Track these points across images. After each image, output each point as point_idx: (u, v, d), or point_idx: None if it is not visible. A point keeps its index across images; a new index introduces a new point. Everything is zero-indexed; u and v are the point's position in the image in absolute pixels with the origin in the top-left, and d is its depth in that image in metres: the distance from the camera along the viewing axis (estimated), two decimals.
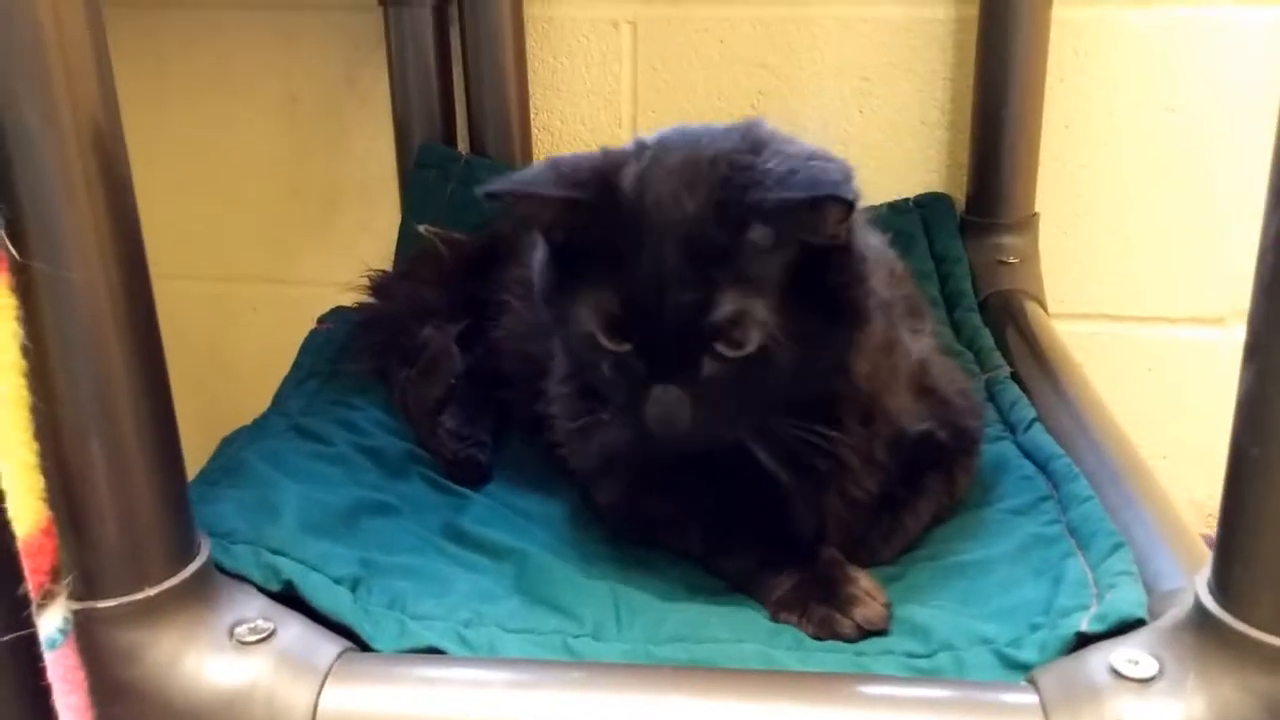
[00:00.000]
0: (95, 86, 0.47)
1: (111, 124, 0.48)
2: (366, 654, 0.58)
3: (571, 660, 0.60)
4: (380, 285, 0.99)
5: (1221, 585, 0.49)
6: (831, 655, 0.61)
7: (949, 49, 1.17)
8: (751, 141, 0.64)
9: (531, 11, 1.20)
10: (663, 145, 0.65)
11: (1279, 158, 0.44)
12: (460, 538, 0.73)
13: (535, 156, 1.24)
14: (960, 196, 1.18)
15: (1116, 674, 0.50)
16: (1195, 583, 0.51)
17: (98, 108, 0.47)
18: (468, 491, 0.81)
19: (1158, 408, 1.21)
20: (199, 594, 0.54)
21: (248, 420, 0.87)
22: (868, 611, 0.63)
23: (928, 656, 0.60)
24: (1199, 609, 0.50)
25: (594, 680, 0.55)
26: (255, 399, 0.93)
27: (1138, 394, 1.21)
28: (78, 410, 0.49)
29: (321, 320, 1.02)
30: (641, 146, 0.65)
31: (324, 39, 1.24)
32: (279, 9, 1.24)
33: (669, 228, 0.60)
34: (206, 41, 1.26)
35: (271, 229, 1.33)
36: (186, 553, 0.54)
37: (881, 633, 0.63)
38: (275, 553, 0.62)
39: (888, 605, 0.64)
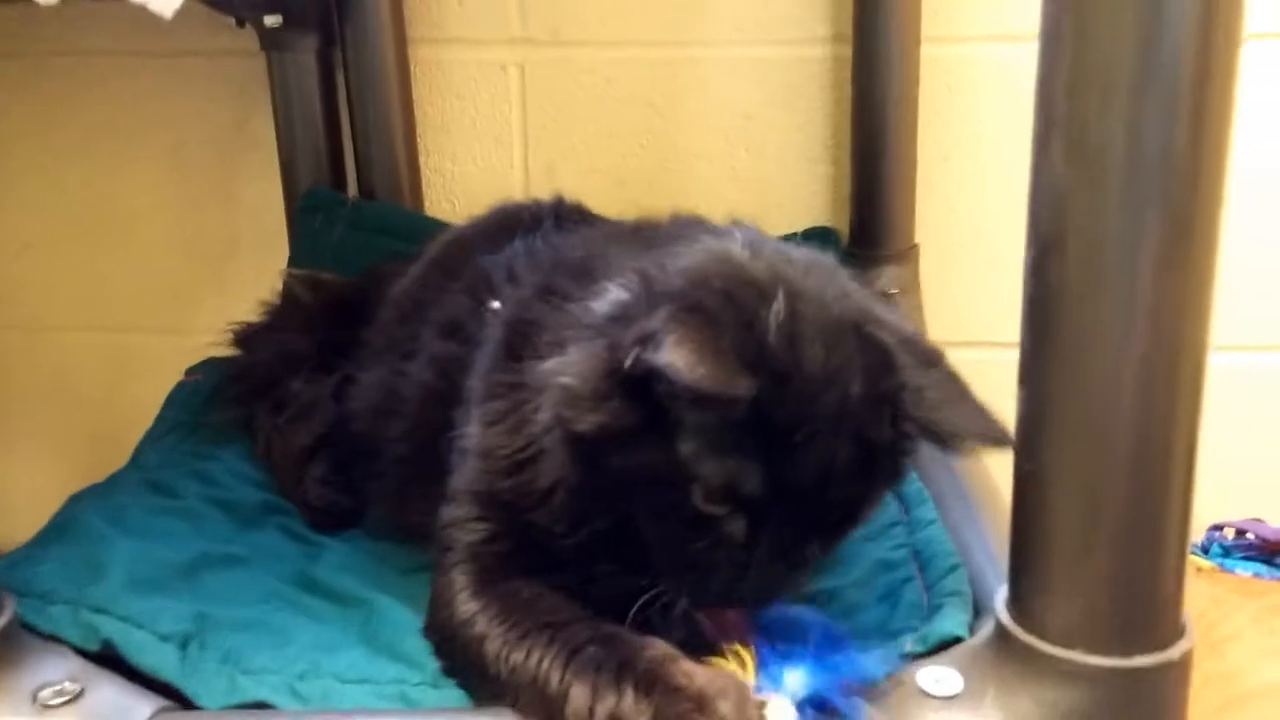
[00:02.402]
0: None
1: None
2: (184, 712, 0.56)
3: (406, 709, 0.58)
4: (245, 337, 0.98)
5: (1015, 601, 0.50)
6: None
7: (827, 87, 1.19)
8: (860, 309, 0.59)
9: (418, 55, 1.20)
10: (790, 295, 0.55)
11: (1033, 203, 0.46)
12: (311, 587, 0.72)
13: (425, 198, 1.24)
14: (846, 230, 1.20)
15: (923, 693, 0.51)
16: (996, 600, 0.52)
17: None
18: (326, 540, 0.80)
19: None
20: (1, 658, 0.53)
21: None
22: None
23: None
24: (998, 625, 0.51)
25: None
26: None
27: None
28: None
29: (190, 372, 1.01)
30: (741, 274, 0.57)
31: (210, 85, 1.23)
32: (164, 56, 1.22)
33: (836, 415, 0.54)
34: (94, 89, 1.24)
35: (167, 278, 1.31)
36: None
37: None
38: (96, 611, 0.60)
39: None
